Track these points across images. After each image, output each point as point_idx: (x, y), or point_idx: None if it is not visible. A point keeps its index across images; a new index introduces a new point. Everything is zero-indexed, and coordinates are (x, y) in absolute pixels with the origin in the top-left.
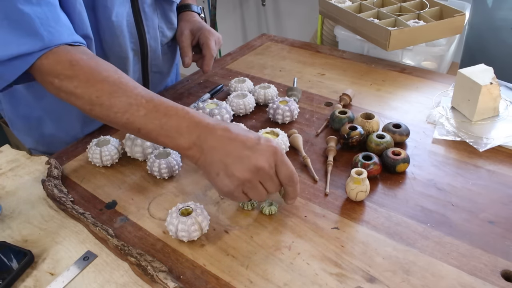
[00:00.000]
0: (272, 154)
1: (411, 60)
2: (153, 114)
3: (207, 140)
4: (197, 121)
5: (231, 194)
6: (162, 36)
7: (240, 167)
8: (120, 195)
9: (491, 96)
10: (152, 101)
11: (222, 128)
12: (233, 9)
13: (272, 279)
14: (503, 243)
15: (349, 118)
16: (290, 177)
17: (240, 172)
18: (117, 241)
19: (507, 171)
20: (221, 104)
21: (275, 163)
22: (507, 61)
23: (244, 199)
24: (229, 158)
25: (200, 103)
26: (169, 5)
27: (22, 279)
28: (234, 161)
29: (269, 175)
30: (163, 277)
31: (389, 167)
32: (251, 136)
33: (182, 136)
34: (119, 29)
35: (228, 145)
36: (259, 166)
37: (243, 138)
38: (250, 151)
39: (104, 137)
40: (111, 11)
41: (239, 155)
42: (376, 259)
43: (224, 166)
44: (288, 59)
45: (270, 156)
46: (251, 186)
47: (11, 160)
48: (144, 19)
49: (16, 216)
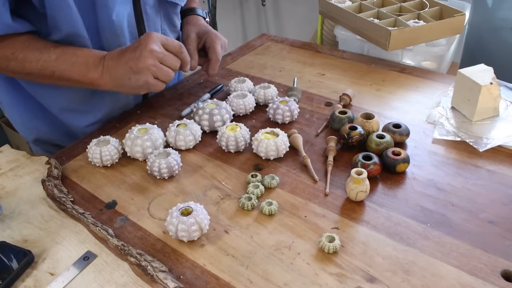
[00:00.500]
0: (154, 38)
1: (411, 60)
2: (63, 56)
3: (109, 65)
4: (99, 55)
5: (147, 83)
6: None
7: (140, 61)
8: (120, 195)
9: (491, 96)
10: (59, 46)
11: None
12: (233, 9)
13: (272, 279)
14: (503, 243)
15: (349, 118)
16: (179, 46)
17: (142, 63)
18: (117, 241)
19: (507, 171)
20: (221, 104)
21: (161, 43)
22: (507, 61)
23: (160, 85)
24: (129, 62)
25: (200, 103)
26: (172, 7)
27: (22, 279)
28: (133, 61)
29: (162, 53)
30: (163, 277)
31: (389, 167)
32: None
33: (91, 70)
34: (120, 29)
35: (123, 57)
36: (150, 49)
37: (130, 46)
38: (139, 48)
39: (104, 137)
40: (111, 10)
41: (133, 55)
42: (376, 259)
43: (129, 69)
44: (288, 59)
45: (154, 39)
46: (157, 69)
47: (11, 160)
48: (146, 20)
49: (16, 216)
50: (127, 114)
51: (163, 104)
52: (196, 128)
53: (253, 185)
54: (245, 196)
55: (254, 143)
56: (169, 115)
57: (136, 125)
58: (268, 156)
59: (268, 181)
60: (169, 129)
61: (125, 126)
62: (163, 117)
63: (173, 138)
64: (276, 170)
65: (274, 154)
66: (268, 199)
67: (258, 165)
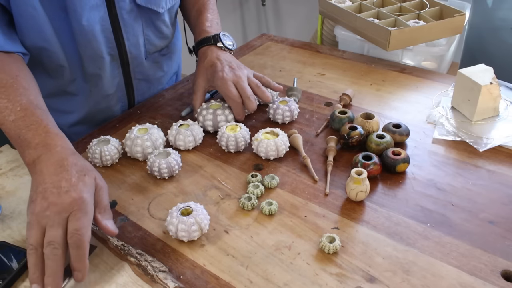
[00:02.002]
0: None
1: (411, 60)
2: (19, 122)
3: (42, 162)
4: (48, 142)
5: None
6: (148, 44)
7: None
8: (120, 195)
9: (491, 96)
10: (26, 110)
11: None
12: (233, 9)
13: (272, 279)
14: (503, 243)
15: (349, 118)
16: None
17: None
18: (117, 241)
19: (507, 171)
20: (225, 104)
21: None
22: (507, 61)
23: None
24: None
25: (204, 104)
26: (155, 14)
27: (22, 279)
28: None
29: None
30: (163, 277)
31: (389, 167)
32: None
33: (27, 151)
34: (91, 34)
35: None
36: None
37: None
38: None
39: (104, 137)
40: (80, 15)
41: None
42: (376, 259)
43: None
44: (288, 59)
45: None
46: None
47: (11, 160)
48: (122, 25)
49: (16, 216)
50: (127, 114)
51: (163, 104)
52: (197, 130)
53: (253, 185)
54: (245, 196)
55: (254, 143)
56: (169, 115)
57: (136, 125)
58: (268, 156)
59: (268, 181)
60: (171, 127)
61: (125, 126)
62: (163, 117)
63: (173, 137)
64: (276, 170)
65: (274, 154)
66: (268, 199)
67: (258, 165)
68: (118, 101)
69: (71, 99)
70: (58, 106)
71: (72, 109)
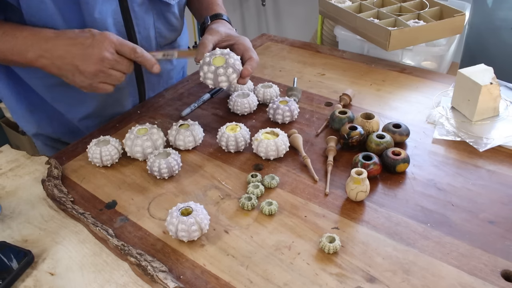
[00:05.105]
0: (108, 42)
1: (411, 60)
2: (5, 37)
3: (53, 50)
4: (40, 37)
5: (91, 86)
6: (159, 37)
7: (88, 64)
8: (120, 195)
9: (491, 96)
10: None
11: (62, 37)
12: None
13: (272, 279)
14: (503, 243)
15: (349, 118)
16: (133, 51)
17: (89, 67)
18: (117, 241)
19: (507, 171)
20: (229, 61)
21: (115, 49)
22: (507, 61)
23: (108, 88)
24: (75, 59)
25: (207, 56)
26: (166, 6)
27: (22, 279)
28: (80, 61)
29: (114, 60)
30: (163, 277)
31: (389, 167)
32: (86, 35)
33: (28, 52)
34: (103, 27)
35: (71, 50)
36: (101, 56)
37: (81, 40)
38: (90, 47)
39: (104, 137)
40: (93, 8)
41: (82, 54)
42: (376, 259)
43: (75, 68)
44: (288, 59)
45: (107, 45)
46: (105, 75)
47: (11, 160)
48: (134, 18)
49: (16, 216)
50: (127, 114)
51: (163, 104)
52: (198, 130)
53: (253, 185)
54: (245, 196)
55: (254, 143)
56: (169, 115)
57: (136, 125)
58: (268, 156)
59: (268, 181)
60: (171, 128)
61: (125, 126)
62: (163, 117)
63: (173, 137)
64: (276, 170)
65: (274, 154)
66: (268, 199)
67: (258, 165)
68: (129, 95)
69: (80, 91)
70: (68, 98)
71: (82, 102)
